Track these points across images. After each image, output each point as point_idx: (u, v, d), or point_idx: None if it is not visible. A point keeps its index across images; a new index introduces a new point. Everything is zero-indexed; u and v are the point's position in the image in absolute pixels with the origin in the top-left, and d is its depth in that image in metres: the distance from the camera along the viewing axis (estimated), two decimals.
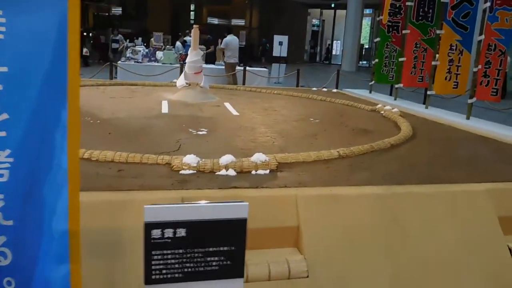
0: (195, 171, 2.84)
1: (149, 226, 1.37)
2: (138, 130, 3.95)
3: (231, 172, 2.85)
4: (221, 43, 11.67)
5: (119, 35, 16.59)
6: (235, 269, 1.44)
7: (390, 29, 7.19)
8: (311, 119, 4.94)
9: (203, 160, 2.90)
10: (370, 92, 7.99)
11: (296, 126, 4.50)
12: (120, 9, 27.66)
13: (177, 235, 1.37)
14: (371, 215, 2.58)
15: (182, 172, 2.82)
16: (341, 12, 27.95)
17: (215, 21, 28.73)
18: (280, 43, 16.10)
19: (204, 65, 12.48)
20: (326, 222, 2.50)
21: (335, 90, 8.33)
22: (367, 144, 3.62)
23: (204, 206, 1.41)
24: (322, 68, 24.63)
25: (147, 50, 12.99)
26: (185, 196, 2.43)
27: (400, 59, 6.76)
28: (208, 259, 1.41)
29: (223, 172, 2.84)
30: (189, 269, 1.41)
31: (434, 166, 3.31)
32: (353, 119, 5.12)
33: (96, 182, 2.54)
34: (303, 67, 15.11)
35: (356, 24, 23.49)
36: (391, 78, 7.45)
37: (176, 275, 1.40)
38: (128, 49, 12.99)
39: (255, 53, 27.08)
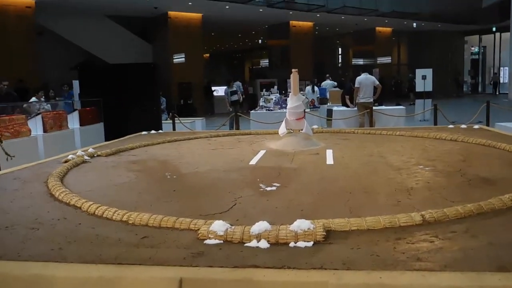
0: (222, 241, 2.37)
1: None
2: (204, 187, 3.66)
3: (263, 244, 2.29)
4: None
5: (235, 84, 15.23)
6: None
7: None
8: (420, 167, 4.00)
9: (233, 228, 2.42)
10: None
11: (392, 178, 3.65)
12: (267, 60, 29.32)
13: None
14: None
15: (207, 242, 2.38)
16: (505, 36, 24.71)
17: (360, 61, 28.09)
18: (424, 77, 14.72)
19: (336, 108, 12.08)
20: None
21: (477, 126, 6.90)
22: (476, 203, 2.64)
23: None
24: (485, 99, 21.56)
25: (279, 97, 13.16)
26: (185, 277, 1.98)
27: None
28: None
29: (253, 243, 2.31)
30: None
31: None
32: (477, 165, 3.98)
33: (108, 252, 2.28)
34: (453, 100, 13.37)
35: None
36: None
37: None
38: (262, 98, 13.38)
39: (403, 90, 25.90)
